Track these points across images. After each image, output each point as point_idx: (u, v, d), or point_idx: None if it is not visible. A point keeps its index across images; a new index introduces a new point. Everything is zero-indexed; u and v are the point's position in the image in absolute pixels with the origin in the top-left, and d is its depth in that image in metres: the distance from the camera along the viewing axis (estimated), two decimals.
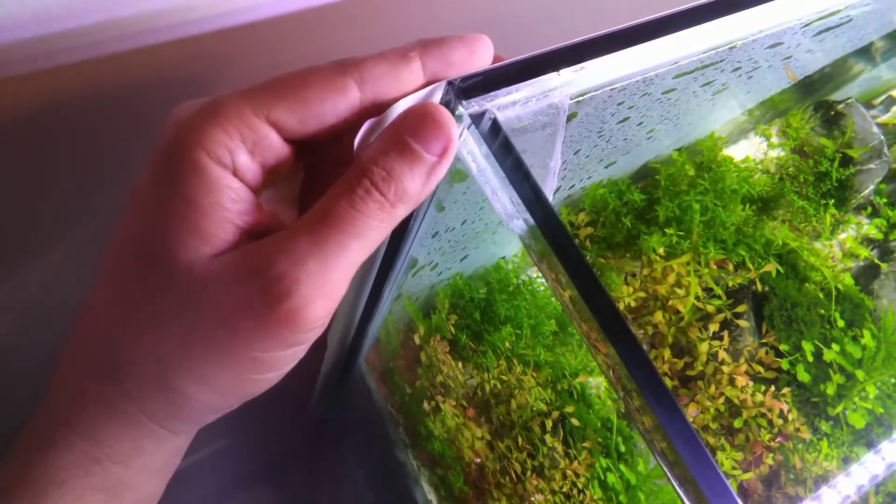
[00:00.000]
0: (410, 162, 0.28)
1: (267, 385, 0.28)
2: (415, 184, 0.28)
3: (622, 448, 0.58)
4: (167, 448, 0.30)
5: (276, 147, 0.28)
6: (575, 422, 0.58)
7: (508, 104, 0.38)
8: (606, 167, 0.65)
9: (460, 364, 0.61)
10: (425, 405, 0.62)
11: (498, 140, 0.36)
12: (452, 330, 0.62)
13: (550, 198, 0.38)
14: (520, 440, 0.58)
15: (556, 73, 0.40)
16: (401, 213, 0.28)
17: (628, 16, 0.40)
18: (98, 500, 0.28)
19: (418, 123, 0.28)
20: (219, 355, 0.26)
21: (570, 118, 0.47)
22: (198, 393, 0.27)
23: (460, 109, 0.36)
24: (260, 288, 0.25)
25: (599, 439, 0.58)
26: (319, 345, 0.65)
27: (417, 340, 0.63)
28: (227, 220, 0.26)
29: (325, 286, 0.26)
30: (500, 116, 0.37)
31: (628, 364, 0.31)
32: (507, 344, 0.61)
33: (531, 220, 0.34)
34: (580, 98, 0.44)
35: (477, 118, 0.36)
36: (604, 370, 0.34)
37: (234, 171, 0.27)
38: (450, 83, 0.37)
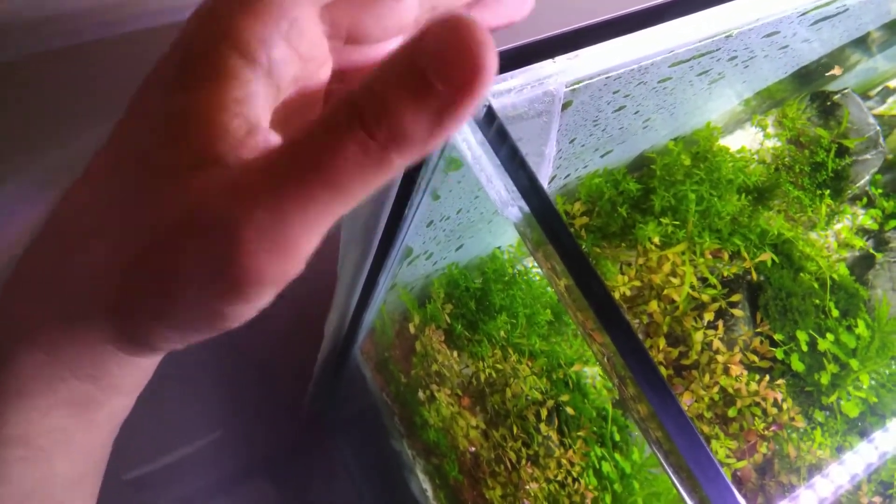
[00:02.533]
0: (417, 94, 0.19)
1: (226, 329, 0.25)
2: (419, 125, 0.20)
3: (617, 437, 0.58)
4: (134, 371, 0.27)
5: (318, 45, 0.24)
6: (570, 411, 0.58)
7: (503, 91, 0.38)
8: (602, 156, 0.65)
9: (455, 353, 0.61)
10: (420, 394, 0.62)
11: (493, 127, 0.36)
12: (448, 319, 0.62)
13: (546, 185, 0.38)
14: (514, 429, 0.58)
15: (551, 60, 0.40)
16: (395, 161, 0.20)
17: (624, 3, 0.40)
18: (62, 414, 0.26)
19: (438, 42, 0.19)
20: (173, 297, 0.23)
21: (565, 106, 0.47)
22: (155, 326, 0.24)
23: None
24: (210, 241, 0.21)
25: (594, 428, 0.58)
26: (316, 336, 0.65)
27: (413, 330, 0.63)
28: (240, 135, 0.22)
29: (280, 245, 0.21)
30: (496, 104, 0.37)
31: (623, 353, 0.30)
32: (502, 333, 0.61)
33: (526, 208, 0.34)
34: (576, 86, 0.44)
35: None
36: (599, 359, 0.34)
37: (268, 69, 0.23)
38: None
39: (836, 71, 0.68)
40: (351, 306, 0.60)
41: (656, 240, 0.68)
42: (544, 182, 0.40)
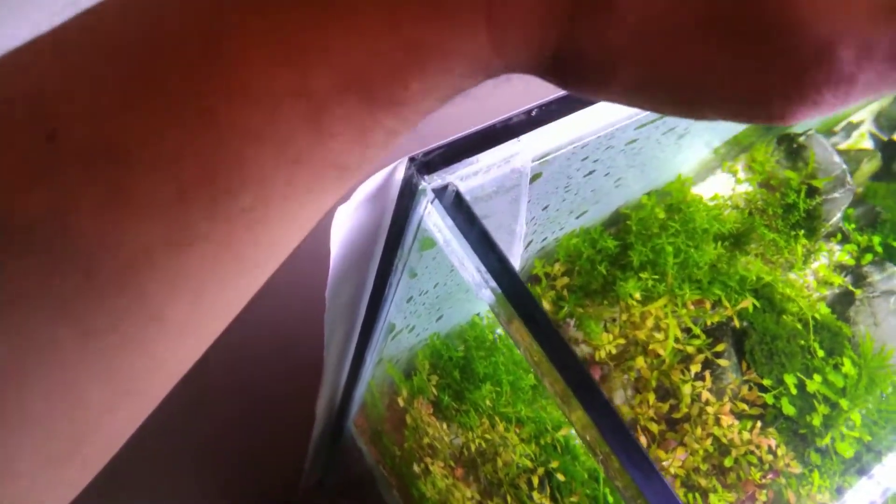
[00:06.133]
0: None
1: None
2: None
3: (610, 499, 0.57)
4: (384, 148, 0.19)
5: None
6: (560, 477, 0.57)
7: (471, 174, 0.39)
8: (577, 217, 0.66)
9: (444, 424, 0.61)
10: (415, 467, 0.62)
11: (462, 212, 0.37)
12: (434, 391, 0.62)
13: (517, 263, 0.39)
14: (509, 498, 0.58)
15: (516, 139, 0.41)
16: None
17: None
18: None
19: None
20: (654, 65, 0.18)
21: (534, 178, 0.48)
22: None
23: (423, 184, 0.37)
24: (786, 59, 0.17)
25: (587, 491, 0.58)
26: (307, 416, 0.65)
27: (402, 403, 0.63)
28: None
29: (849, 84, 0.18)
30: (463, 187, 0.38)
31: (602, 430, 0.31)
32: (487, 402, 0.61)
33: (498, 289, 0.35)
34: (544, 159, 0.45)
35: (440, 192, 0.37)
36: (578, 432, 0.34)
37: None
38: (411, 158, 0.38)
39: None
40: (340, 384, 0.60)
41: (637, 295, 0.69)
42: (515, 259, 0.41)
